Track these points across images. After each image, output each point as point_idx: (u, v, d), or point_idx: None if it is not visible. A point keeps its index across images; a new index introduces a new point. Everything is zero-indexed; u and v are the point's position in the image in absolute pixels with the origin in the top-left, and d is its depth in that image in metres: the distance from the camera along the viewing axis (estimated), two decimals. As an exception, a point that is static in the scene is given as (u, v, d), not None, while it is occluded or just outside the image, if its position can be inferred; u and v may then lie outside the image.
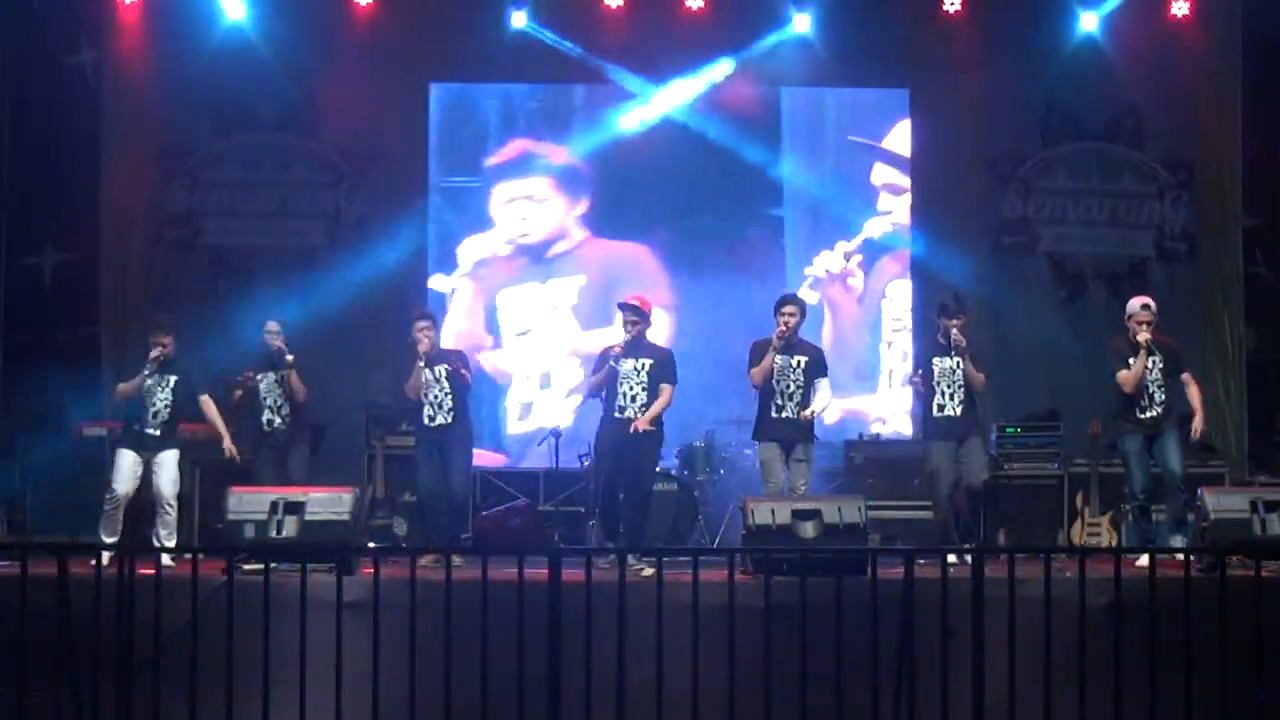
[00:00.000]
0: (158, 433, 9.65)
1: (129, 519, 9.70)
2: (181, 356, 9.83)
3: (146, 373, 9.58)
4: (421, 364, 9.90)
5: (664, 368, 9.65)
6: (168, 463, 9.62)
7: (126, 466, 9.57)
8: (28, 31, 12.57)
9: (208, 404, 9.86)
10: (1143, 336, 9.60)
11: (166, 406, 9.67)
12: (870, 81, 13.29)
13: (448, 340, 12.03)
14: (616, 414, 9.59)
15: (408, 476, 10.86)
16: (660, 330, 11.98)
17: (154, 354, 9.60)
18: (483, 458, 11.87)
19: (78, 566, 7.33)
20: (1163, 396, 9.66)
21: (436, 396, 9.98)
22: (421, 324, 10.02)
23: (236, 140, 12.99)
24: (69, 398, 11.46)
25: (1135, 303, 9.80)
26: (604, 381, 9.65)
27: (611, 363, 9.57)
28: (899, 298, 13.22)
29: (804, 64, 12.98)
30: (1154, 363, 9.63)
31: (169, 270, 12.81)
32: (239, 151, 13.00)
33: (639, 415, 9.55)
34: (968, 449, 9.84)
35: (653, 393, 9.62)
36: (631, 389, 9.58)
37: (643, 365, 9.59)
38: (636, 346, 9.63)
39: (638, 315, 9.65)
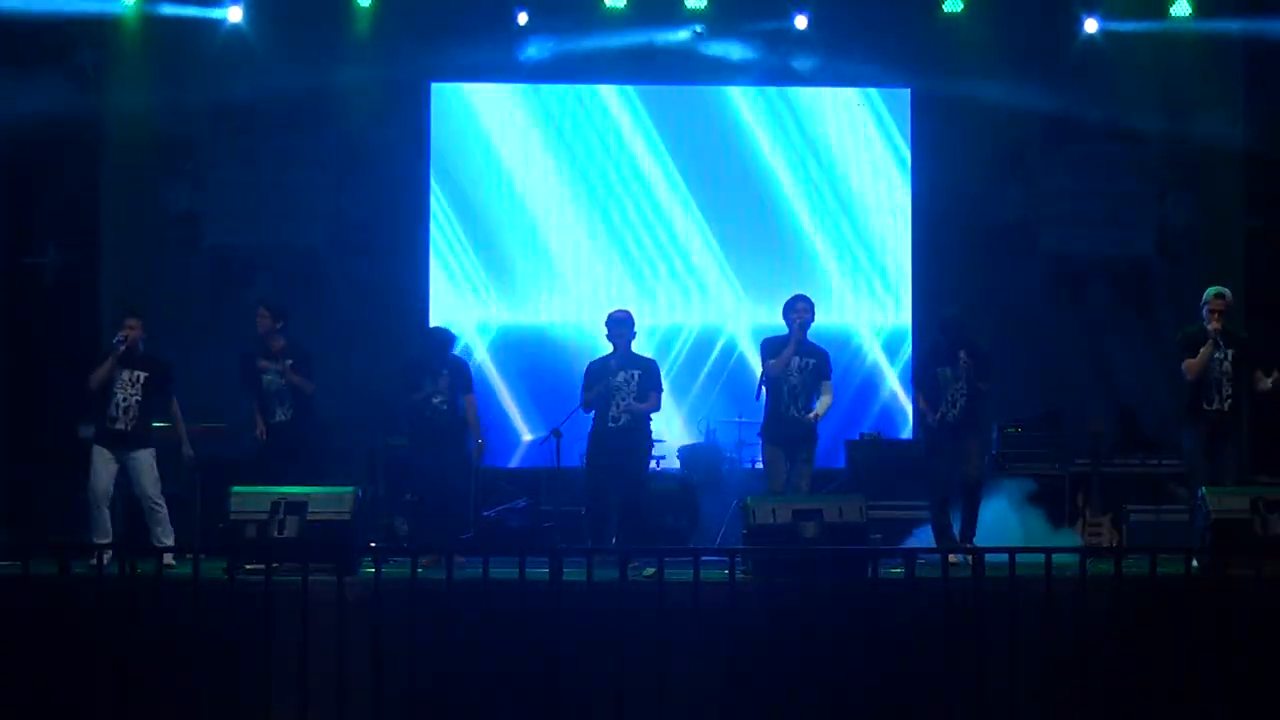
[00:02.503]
0: (127, 429, 9.45)
1: (128, 518, 9.67)
2: (157, 354, 9.67)
3: (119, 351, 9.42)
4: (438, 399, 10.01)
5: (651, 376, 9.93)
6: (143, 463, 9.43)
7: (100, 465, 9.38)
8: (28, 31, 12.54)
9: (174, 406, 9.71)
10: (1212, 325, 9.34)
11: (136, 402, 9.48)
12: (871, 81, 13.29)
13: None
14: (611, 424, 9.82)
15: (408, 476, 10.85)
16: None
17: (118, 336, 9.48)
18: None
19: (78, 566, 7.33)
20: (1231, 391, 9.36)
21: (440, 397, 10.03)
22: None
23: (237, 140, 12.99)
24: (69, 398, 11.45)
25: (1210, 290, 9.51)
26: (599, 396, 9.85)
27: (610, 377, 9.78)
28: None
29: (805, 64, 12.99)
30: (1226, 354, 9.38)
31: (170, 271, 12.80)
32: (240, 152, 13.00)
33: (630, 425, 9.79)
34: (967, 446, 9.81)
35: (643, 401, 9.87)
36: (624, 400, 9.80)
37: (632, 376, 9.84)
38: (625, 358, 9.84)
39: (623, 328, 9.88)
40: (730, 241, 13.22)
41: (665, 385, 10.11)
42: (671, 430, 12.41)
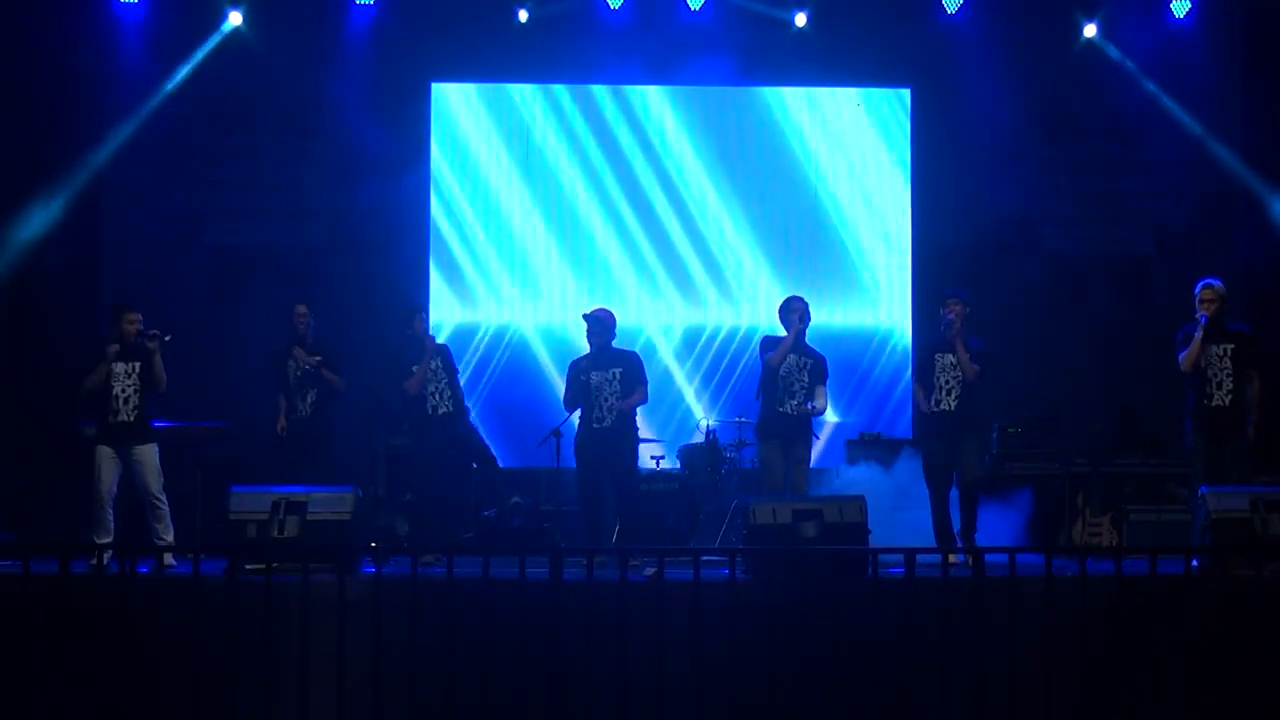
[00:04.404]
0: (130, 420, 9.49)
1: (130, 518, 9.68)
2: (142, 342, 9.63)
3: (165, 340, 9.50)
4: (433, 365, 10.01)
5: (634, 372, 9.87)
6: (147, 458, 9.46)
7: (104, 464, 9.42)
8: (28, 31, 12.55)
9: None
10: (1199, 314, 9.38)
11: (134, 393, 9.51)
12: (871, 81, 13.31)
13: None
14: (595, 424, 9.79)
15: (409, 476, 10.86)
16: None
17: (151, 331, 9.49)
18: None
19: (78, 566, 7.34)
20: (1232, 385, 9.36)
21: (437, 387, 10.03)
22: (421, 316, 10.28)
23: (238, 140, 13.00)
24: (70, 397, 11.45)
25: (1200, 282, 9.55)
26: (578, 396, 9.84)
27: (581, 377, 9.77)
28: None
29: (806, 63, 13.02)
30: (1225, 349, 9.39)
31: (171, 271, 12.80)
32: (240, 152, 13.01)
33: (616, 423, 9.76)
34: (961, 446, 9.82)
35: (628, 397, 9.84)
36: (606, 399, 9.76)
37: (614, 375, 9.78)
38: (603, 356, 9.82)
39: (599, 325, 9.85)
40: (730, 240, 13.24)
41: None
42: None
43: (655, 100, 13.30)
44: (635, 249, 13.24)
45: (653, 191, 13.26)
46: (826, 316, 13.01)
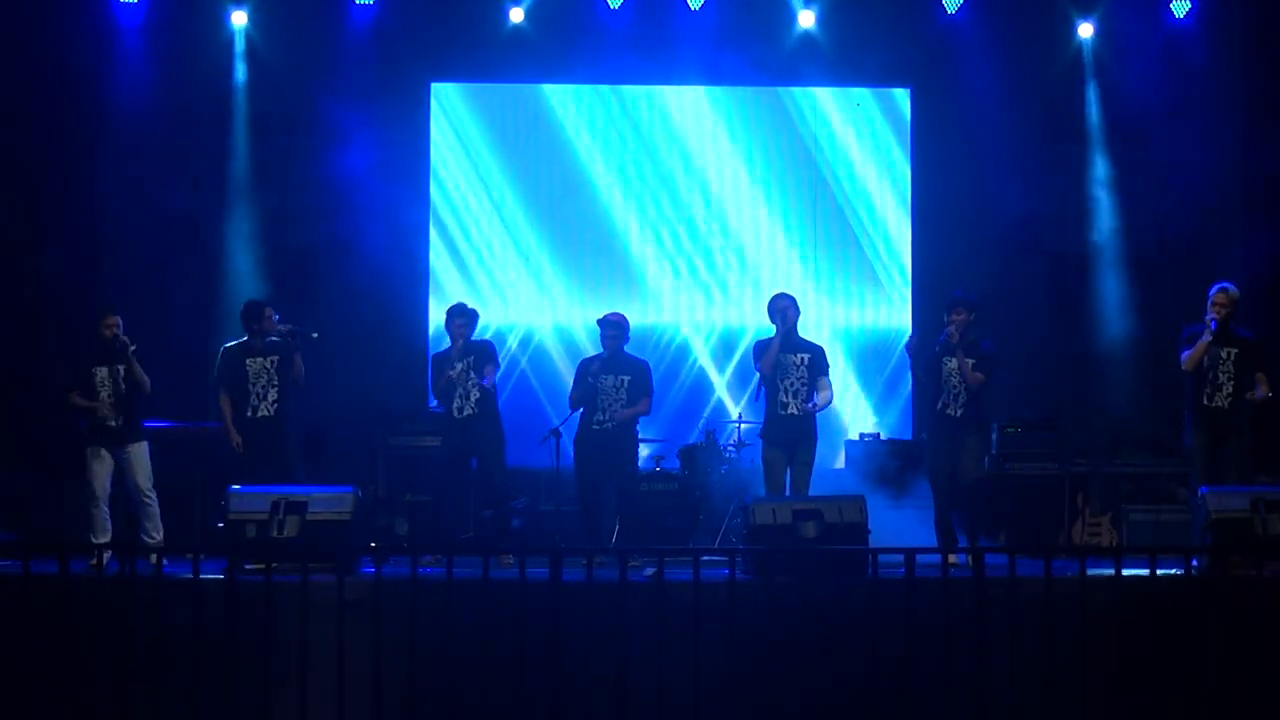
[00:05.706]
0: (118, 424, 9.56)
1: (127, 518, 9.70)
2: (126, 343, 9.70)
3: (132, 348, 9.55)
4: (456, 370, 9.94)
5: (641, 381, 10.00)
6: (137, 456, 9.55)
7: (95, 464, 9.50)
8: (28, 31, 12.55)
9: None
10: (1209, 317, 9.44)
11: (122, 395, 9.57)
12: (872, 81, 13.30)
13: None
14: (595, 426, 9.92)
15: (409, 476, 10.85)
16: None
17: (123, 336, 9.56)
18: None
19: (78, 566, 7.34)
20: (1233, 388, 9.43)
21: (465, 389, 10.01)
22: (459, 320, 10.07)
23: (237, 141, 12.99)
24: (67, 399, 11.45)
25: (1215, 286, 9.63)
26: (585, 396, 9.93)
27: (590, 379, 9.86)
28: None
29: (806, 63, 13.02)
30: (1229, 353, 9.45)
31: (170, 271, 12.79)
32: (239, 152, 12.99)
33: (615, 427, 9.89)
34: (963, 447, 9.83)
35: (632, 406, 9.95)
36: (611, 404, 9.88)
37: (622, 382, 9.91)
38: (615, 361, 9.90)
39: (616, 330, 9.95)
40: (729, 240, 13.25)
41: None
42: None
43: (656, 99, 13.30)
44: (636, 248, 13.24)
45: (654, 191, 13.26)
46: (844, 317, 13.04)
